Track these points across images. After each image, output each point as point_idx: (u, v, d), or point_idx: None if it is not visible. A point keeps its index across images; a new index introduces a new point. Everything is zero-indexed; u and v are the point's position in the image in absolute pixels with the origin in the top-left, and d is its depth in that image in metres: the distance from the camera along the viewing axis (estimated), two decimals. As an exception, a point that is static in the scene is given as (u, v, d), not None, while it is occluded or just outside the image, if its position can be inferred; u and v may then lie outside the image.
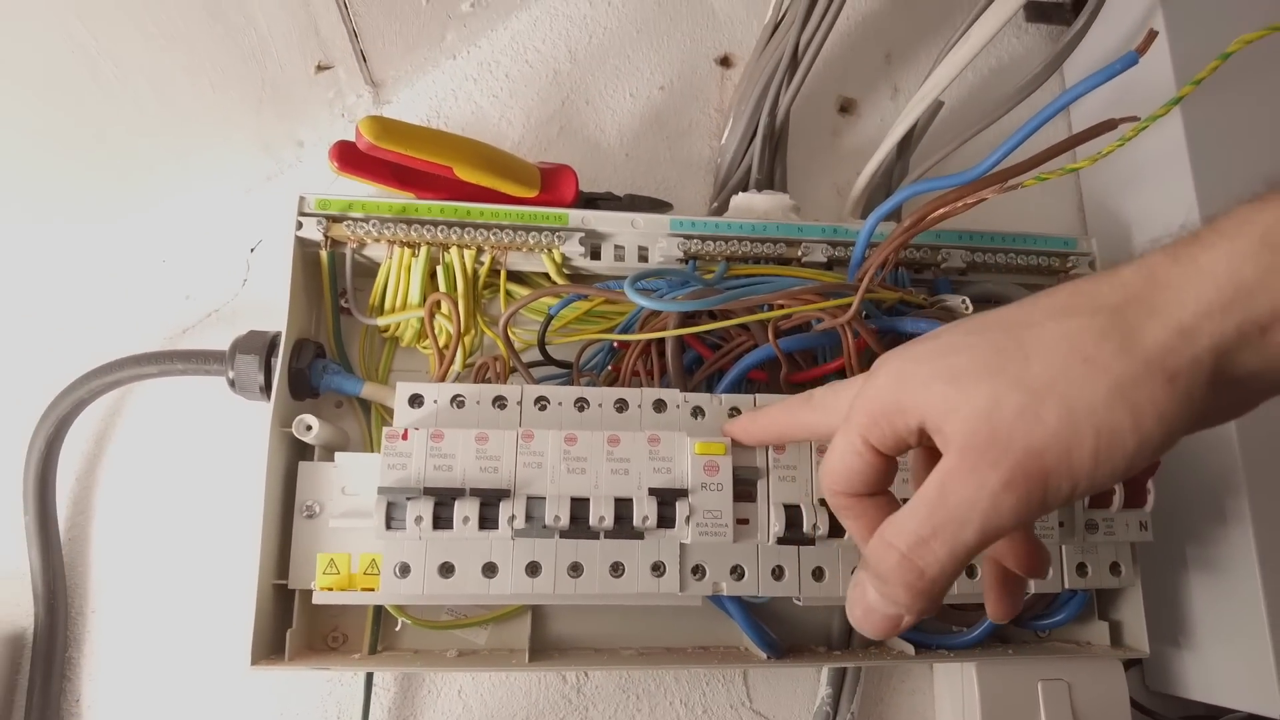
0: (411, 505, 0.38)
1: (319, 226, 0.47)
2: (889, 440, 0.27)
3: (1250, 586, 0.46)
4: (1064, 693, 0.47)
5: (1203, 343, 0.22)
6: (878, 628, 0.27)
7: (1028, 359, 0.23)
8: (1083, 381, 0.22)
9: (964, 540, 0.24)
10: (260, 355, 0.46)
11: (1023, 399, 0.23)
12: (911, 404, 0.26)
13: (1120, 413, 0.22)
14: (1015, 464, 0.23)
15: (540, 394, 0.42)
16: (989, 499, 0.23)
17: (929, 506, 0.24)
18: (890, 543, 0.25)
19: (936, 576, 0.24)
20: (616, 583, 0.40)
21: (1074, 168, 0.41)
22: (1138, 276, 0.23)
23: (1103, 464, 0.22)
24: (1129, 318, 0.23)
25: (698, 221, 0.49)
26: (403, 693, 0.48)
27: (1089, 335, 0.23)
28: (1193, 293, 0.22)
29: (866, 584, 0.26)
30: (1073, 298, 0.24)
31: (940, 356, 0.26)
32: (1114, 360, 0.22)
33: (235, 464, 0.48)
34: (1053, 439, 0.22)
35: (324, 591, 0.42)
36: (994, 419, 0.23)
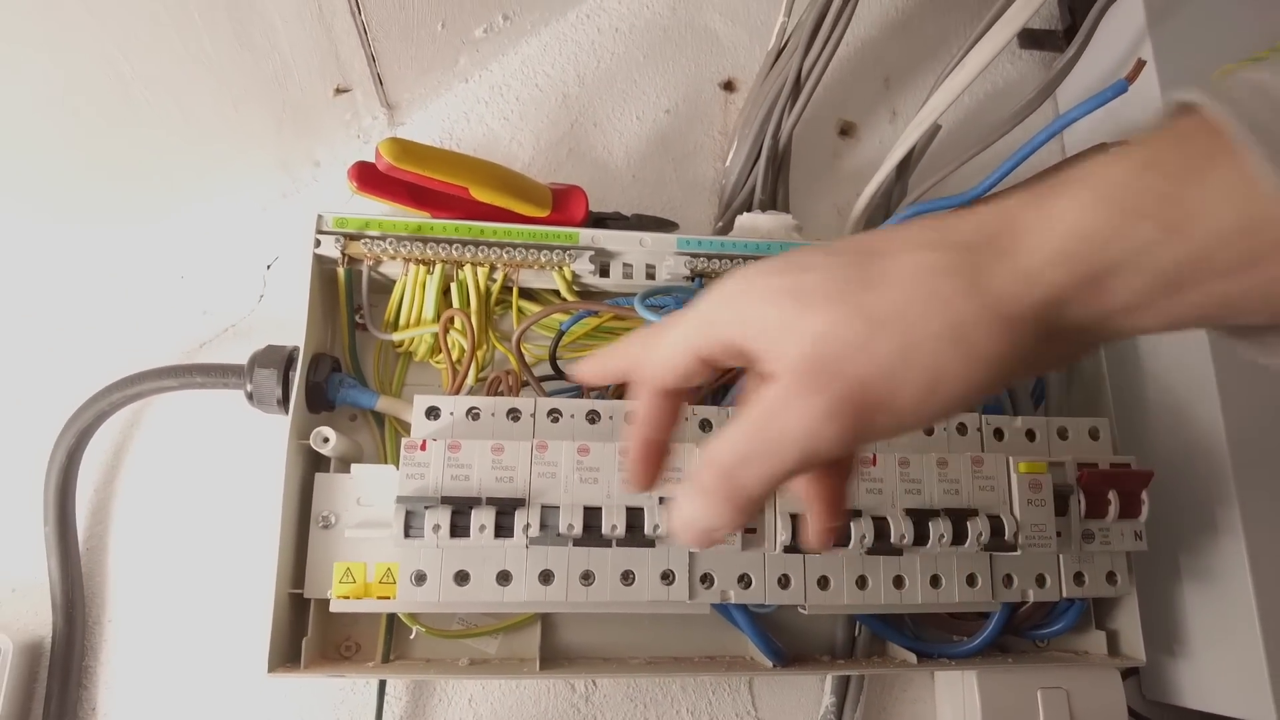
0: (429, 514, 0.39)
1: (336, 244, 0.48)
2: (711, 347, 0.26)
3: (1243, 594, 0.47)
4: (1063, 700, 0.48)
5: (1043, 290, 0.22)
6: (695, 538, 0.26)
7: (873, 288, 0.23)
8: (921, 318, 0.22)
9: (785, 462, 0.24)
10: (278, 369, 0.47)
11: (860, 328, 0.22)
12: (746, 315, 0.25)
13: (951, 353, 0.22)
14: (840, 393, 0.22)
15: (553, 406, 0.43)
16: (810, 424, 0.23)
17: (754, 427, 0.24)
18: (713, 458, 0.25)
19: (754, 494, 0.24)
20: (627, 591, 0.41)
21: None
22: (994, 216, 0.23)
23: (926, 403, 0.22)
24: (979, 257, 0.22)
25: (704, 240, 0.51)
26: (414, 701, 0.48)
27: (937, 271, 0.23)
28: (1039, 239, 0.22)
29: (683, 497, 0.26)
30: (930, 231, 0.24)
31: (790, 272, 0.25)
32: (955, 299, 0.22)
33: (252, 476, 0.49)
34: (880, 373, 0.22)
35: (341, 600, 0.43)
36: (828, 345, 0.23)
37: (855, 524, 0.41)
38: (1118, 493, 0.45)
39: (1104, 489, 0.45)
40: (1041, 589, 0.46)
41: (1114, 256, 0.21)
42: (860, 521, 0.41)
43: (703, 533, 0.26)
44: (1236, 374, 0.50)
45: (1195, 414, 0.51)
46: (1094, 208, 0.21)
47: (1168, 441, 0.52)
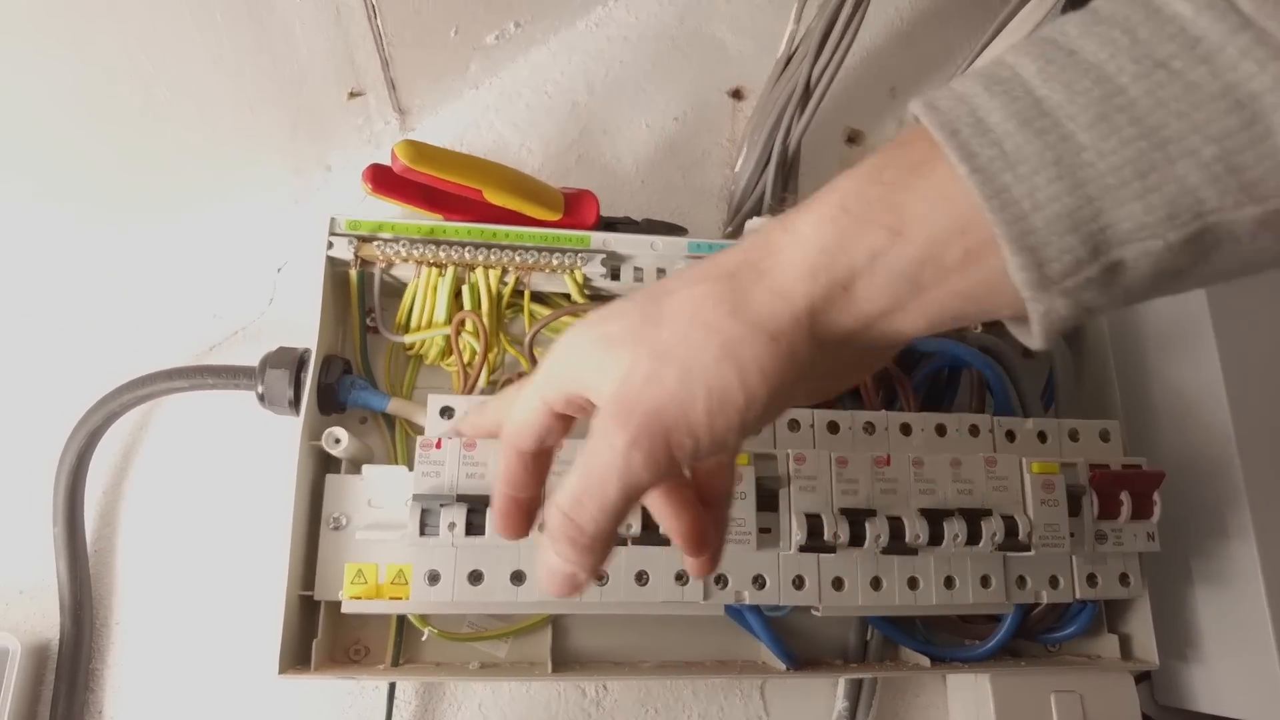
0: (445, 512, 0.39)
1: (350, 246, 0.48)
2: (560, 401, 0.28)
3: (1255, 598, 0.47)
4: (1077, 704, 0.47)
5: (799, 303, 0.23)
6: (559, 586, 0.27)
7: (660, 325, 0.25)
8: (698, 344, 0.24)
9: (610, 497, 0.25)
10: (290, 370, 0.47)
11: (651, 364, 0.25)
12: (575, 369, 0.27)
13: (728, 371, 0.24)
14: (639, 424, 0.24)
15: (567, 406, 0.43)
16: (621, 458, 0.24)
17: (581, 470, 0.26)
18: (556, 504, 0.26)
19: (594, 533, 0.26)
20: (641, 591, 0.41)
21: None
22: (755, 243, 0.25)
23: (716, 418, 0.24)
24: (740, 282, 0.24)
25: (715, 244, 0.51)
26: (423, 706, 0.48)
27: (708, 300, 0.25)
28: (789, 256, 0.24)
29: (544, 547, 0.27)
30: (705, 265, 0.26)
31: (601, 323, 0.27)
32: (724, 323, 0.24)
33: (262, 478, 0.49)
34: (670, 399, 0.24)
35: (353, 600, 0.43)
36: (628, 383, 0.25)
37: (870, 524, 0.41)
38: (1130, 493, 0.45)
39: (1116, 489, 0.45)
40: (1055, 590, 0.46)
41: (852, 264, 0.23)
42: (875, 521, 0.41)
43: (564, 578, 0.27)
44: (1244, 377, 0.50)
45: (1204, 418, 0.51)
46: (830, 220, 0.23)
47: (1177, 445, 0.52)
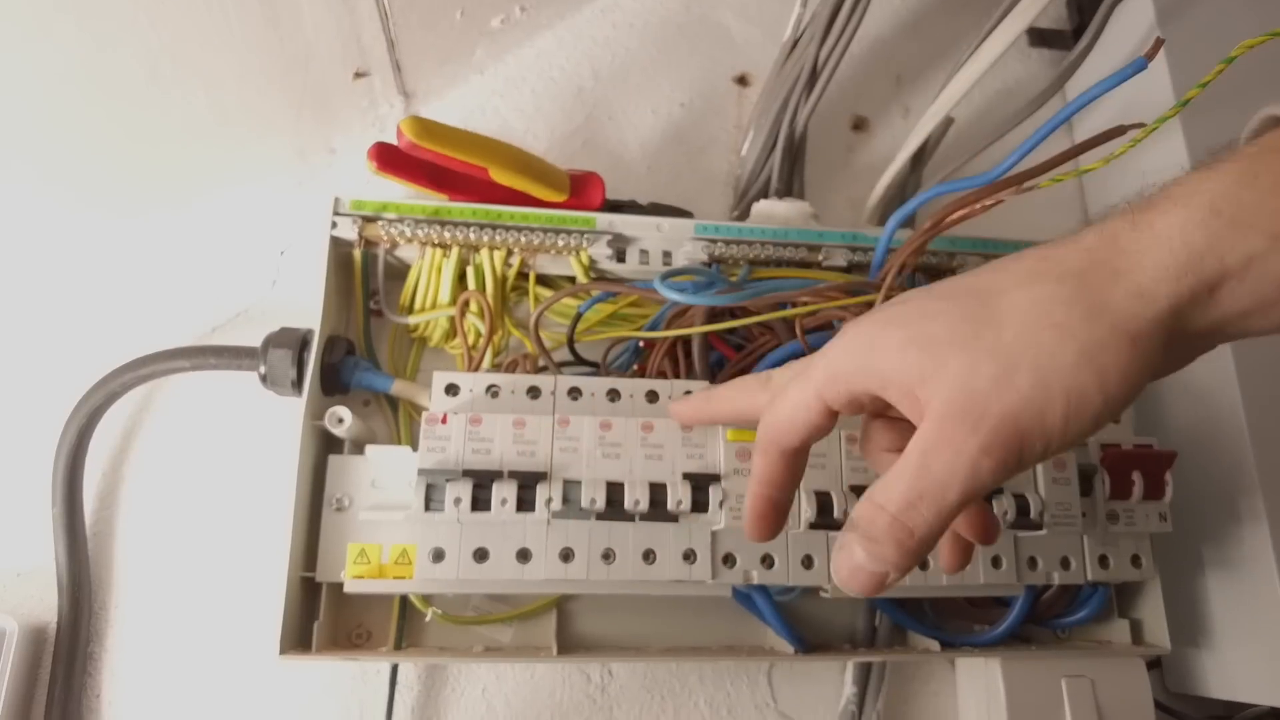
0: (450, 487, 0.38)
1: (354, 225, 0.48)
2: (843, 401, 0.28)
3: (1268, 582, 0.47)
4: (1088, 689, 0.47)
5: (1160, 305, 0.23)
6: (864, 585, 0.27)
7: (1000, 327, 0.25)
8: (1052, 348, 0.24)
9: (948, 502, 0.25)
10: (293, 350, 0.46)
11: (997, 367, 0.24)
12: (879, 368, 0.27)
13: (1087, 375, 0.23)
14: (992, 429, 0.24)
15: (573, 384, 0.43)
16: (969, 464, 0.24)
17: (914, 472, 0.25)
18: (881, 505, 0.26)
19: (924, 536, 0.26)
20: (649, 569, 0.41)
21: (1087, 168, 0.43)
22: (1100, 242, 0.25)
23: (1072, 424, 0.24)
24: (1093, 283, 0.24)
25: (721, 226, 0.51)
26: (426, 691, 0.47)
27: (1057, 302, 0.24)
28: (1151, 258, 0.24)
29: (854, 544, 0.27)
30: (1039, 263, 0.26)
31: (912, 323, 0.27)
32: (1081, 326, 0.24)
33: (264, 459, 0.49)
34: (1026, 404, 0.24)
35: (355, 580, 0.42)
36: (970, 387, 0.24)
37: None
38: (1142, 473, 0.45)
39: (1128, 469, 0.45)
40: (1066, 571, 0.45)
41: (1224, 267, 0.23)
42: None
43: (872, 577, 0.27)
44: (1255, 360, 0.50)
45: (1214, 400, 0.50)
46: (1200, 224, 0.23)
47: (1187, 428, 0.52)
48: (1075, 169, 0.43)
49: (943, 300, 0.27)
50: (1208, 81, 0.40)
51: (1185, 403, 0.52)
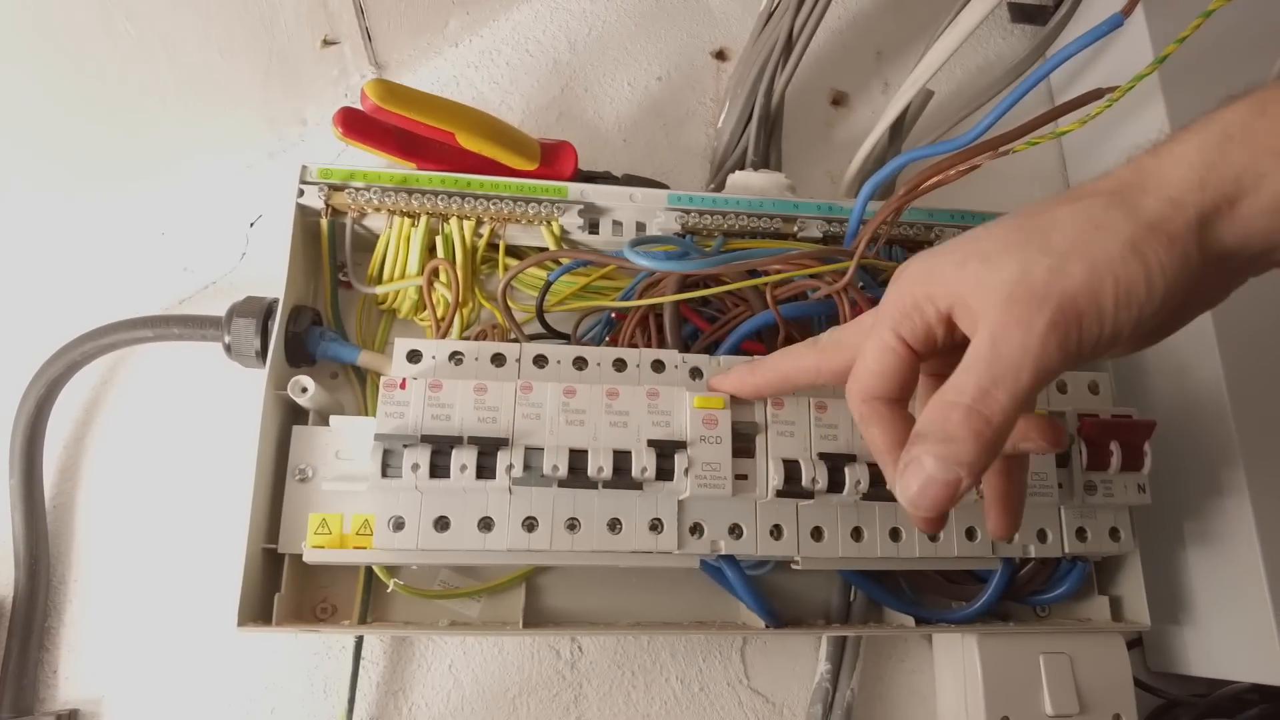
0: (408, 453, 0.38)
1: (320, 194, 0.47)
2: (920, 331, 0.30)
3: (1249, 557, 0.46)
4: (1066, 666, 0.46)
5: (1190, 212, 0.26)
6: (937, 498, 0.27)
7: (1049, 232, 0.27)
8: (1100, 241, 0.26)
9: (1022, 384, 0.26)
10: (257, 319, 0.46)
11: (1051, 260, 0.26)
12: (942, 288, 0.29)
13: (1133, 264, 0.26)
14: (1056, 308, 0.26)
15: (539, 352, 0.42)
16: (1038, 342, 0.26)
17: (985, 361, 0.27)
18: (953, 401, 0.27)
19: (1001, 424, 0.27)
20: (614, 539, 0.40)
21: (1063, 131, 0.42)
22: (1128, 169, 0.28)
23: (1122, 308, 0.26)
24: (1127, 196, 0.27)
25: (695, 196, 0.50)
26: (392, 666, 0.47)
27: (1097, 208, 0.27)
28: (1174, 174, 0.26)
29: (922, 457, 0.27)
30: (1077, 190, 0.28)
31: (963, 245, 0.29)
32: (1122, 224, 0.26)
33: (228, 431, 0.48)
34: (1083, 287, 0.26)
35: (315, 550, 0.41)
36: (1029, 278, 0.26)
37: (850, 469, 0.40)
38: (1120, 443, 0.44)
39: (1106, 439, 0.44)
40: (1043, 544, 0.44)
41: (1240, 182, 0.25)
42: (855, 467, 0.40)
43: (946, 487, 0.27)
44: (1236, 330, 0.49)
45: (1196, 371, 0.50)
46: (1215, 145, 0.26)
47: (1168, 400, 0.51)
48: (1052, 131, 0.43)
49: (990, 226, 0.29)
50: (1185, 36, 0.39)
51: (1167, 373, 0.52)
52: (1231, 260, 0.27)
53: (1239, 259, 0.27)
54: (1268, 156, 0.25)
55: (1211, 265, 0.26)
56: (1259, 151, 0.25)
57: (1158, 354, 0.52)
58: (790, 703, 0.49)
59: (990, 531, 0.33)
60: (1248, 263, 0.27)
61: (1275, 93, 0.26)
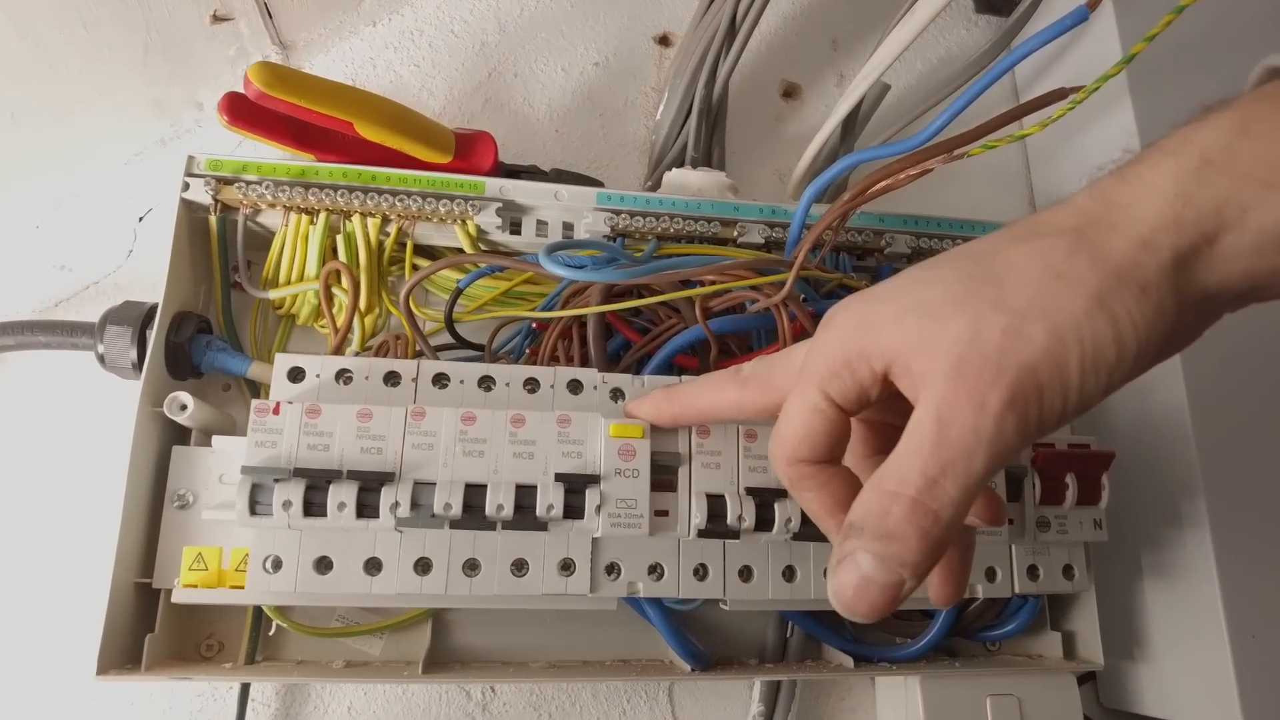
0: (279, 488, 0.33)
1: (208, 188, 0.43)
2: (851, 392, 0.26)
3: (1208, 593, 0.43)
4: (1014, 709, 0.43)
5: (1164, 254, 0.22)
6: (877, 602, 0.23)
7: (1001, 283, 0.23)
8: (1062, 296, 0.22)
9: (975, 472, 0.23)
10: (133, 327, 0.41)
11: (1006, 319, 0.23)
12: (878, 346, 0.25)
13: (1101, 324, 0.22)
14: (1012, 382, 0.22)
15: (439, 370, 0.38)
16: (993, 423, 0.22)
17: (931, 443, 0.23)
18: (894, 491, 0.23)
19: (951, 519, 0.23)
20: (519, 582, 0.36)
21: (1023, 134, 0.38)
22: (1091, 200, 0.24)
23: (1089, 376, 0.22)
24: (1091, 236, 0.23)
25: (627, 196, 0.46)
26: (284, 709, 0.42)
27: (1058, 253, 0.23)
28: (1146, 208, 0.23)
29: (857, 553, 0.23)
30: (1032, 225, 0.25)
31: (904, 293, 0.25)
32: (1087, 274, 0.22)
33: (103, 450, 0.43)
34: (1044, 354, 0.22)
35: (187, 589, 0.37)
36: (981, 343, 0.23)
37: (780, 506, 0.36)
38: (1076, 476, 0.40)
39: (1061, 471, 0.40)
40: (991, 584, 0.41)
41: (1221, 217, 0.22)
42: (786, 503, 0.36)
43: (886, 590, 0.23)
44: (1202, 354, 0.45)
45: (1158, 396, 0.47)
46: (1193, 172, 0.22)
47: (1128, 425, 0.48)
48: (1011, 134, 0.39)
49: (933, 268, 0.25)
50: (1154, 34, 0.35)
51: (1126, 398, 0.48)
52: (1209, 303, 0.23)
53: (1218, 301, 0.23)
54: (1252, 186, 0.22)
55: (1187, 310, 0.23)
56: (1242, 180, 0.22)
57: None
58: (722, 746, 0.45)
59: (931, 598, 0.29)
60: (1226, 304, 0.24)
61: (1258, 108, 0.22)
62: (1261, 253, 0.22)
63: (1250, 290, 0.23)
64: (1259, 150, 0.22)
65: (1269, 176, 0.21)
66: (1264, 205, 0.22)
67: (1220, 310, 0.24)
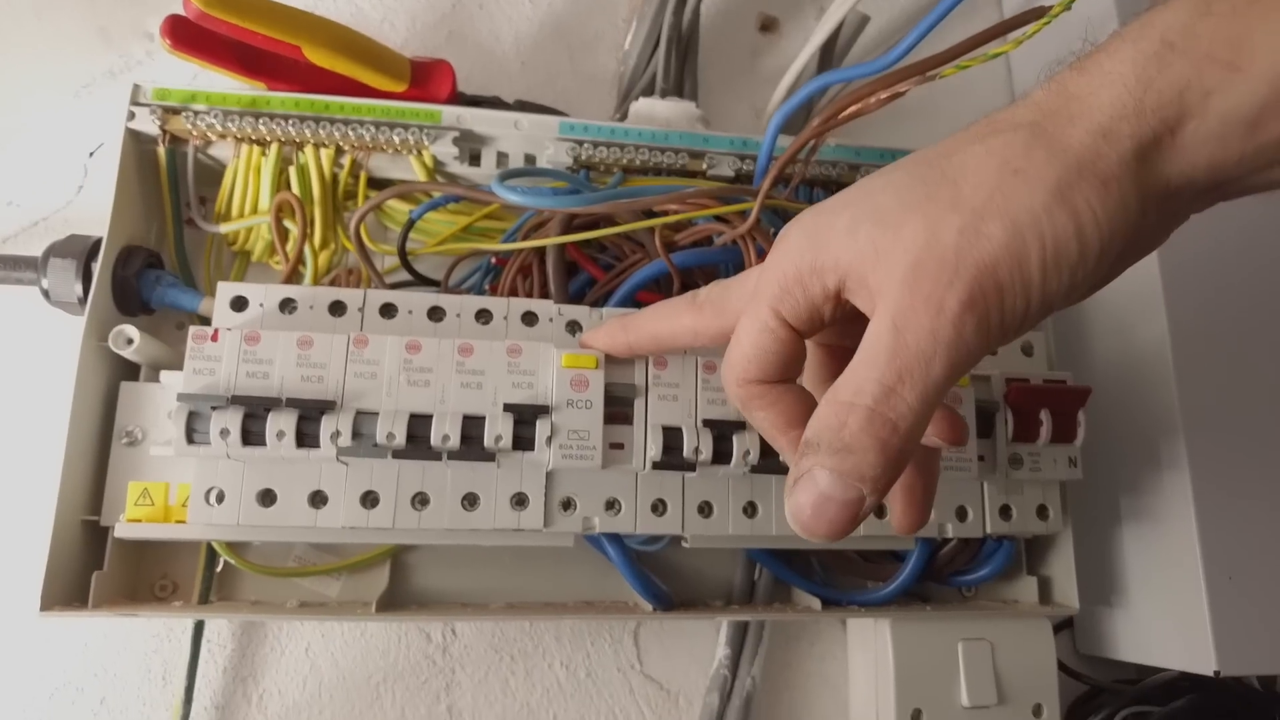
0: (217, 416, 0.32)
1: (154, 118, 0.41)
2: (804, 311, 0.25)
3: (1186, 536, 0.42)
4: (987, 653, 0.42)
5: (1125, 144, 0.21)
6: (836, 520, 0.22)
7: (957, 183, 0.22)
8: (1020, 192, 0.21)
9: (934, 378, 0.22)
10: (79, 260, 0.40)
11: (962, 219, 0.22)
12: (830, 259, 0.24)
13: (1062, 218, 0.21)
14: (971, 281, 0.21)
15: (387, 300, 0.36)
16: (951, 325, 0.21)
17: (887, 351, 0.22)
18: (850, 401, 0.22)
19: (910, 428, 0.22)
20: (470, 516, 0.35)
21: (999, 51, 0.36)
22: (1049, 94, 0.23)
23: (1050, 275, 0.21)
24: (1049, 129, 0.22)
25: (591, 126, 0.44)
26: (240, 649, 0.42)
27: (1015, 148, 0.22)
28: (1105, 96, 0.22)
29: (815, 471, 0.22)
30: (989, 124, 0.23)
31: (858, 202, 0.24)
32: (1045, 167, 0.21)
33: (51, 387, 0.42)
34: (1003, 252, 0.21)
35: (131, 524, 0.36)
36: (937, 245, 0.22)
37: (739, 438, 0.35)
38: (1050, 412, 0.39)
39: (1035, 407, 0.39)
40: (962, 523, 0.40)
41: (1183, 103, 0.21)
42: (744, 435, 0.35)
43: (845, 508, 0.22)
44: (1184, 286, 0.44)
45: (1138, 332, 0.45)
46: (1153, 56, 0.21)
47: (1108, 364, 0.46)
48: (985, 54, 0.37)
49: (887, 175, 0.24)
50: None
51: (1106, 335, 0.47)
52: (1174, 199, 0.22)
53: (1182, 196, 0.22)
54: (1214, 68, 0.20)
55: (1151, 206, 0.22)
56: (1204, 62, 0.20)
57: (1099, 309, 0.47)
58: (688, 690, 0.44)
59: (894, 525, 0.28)
60: (1191, 200, 0.23)
61: None
62: (1224, 141, 0.21)
63: (1215, 186, 0.22)
64: (1221, 29, 0.20)
65: (1231, 57, 0.20)
66: (1227, 88, 0.20)
67: (1186, 209, 0.23)
